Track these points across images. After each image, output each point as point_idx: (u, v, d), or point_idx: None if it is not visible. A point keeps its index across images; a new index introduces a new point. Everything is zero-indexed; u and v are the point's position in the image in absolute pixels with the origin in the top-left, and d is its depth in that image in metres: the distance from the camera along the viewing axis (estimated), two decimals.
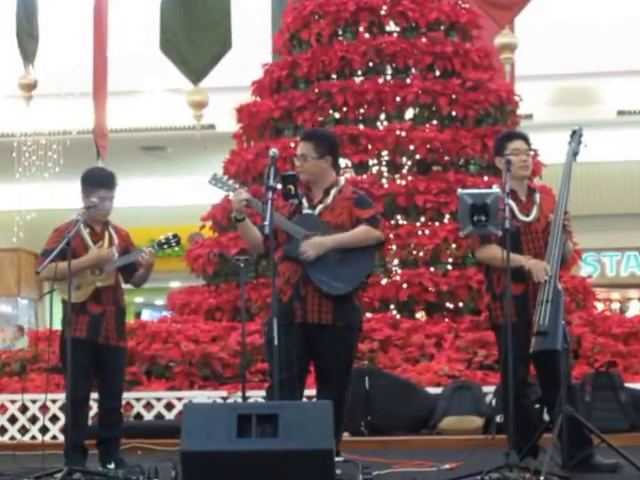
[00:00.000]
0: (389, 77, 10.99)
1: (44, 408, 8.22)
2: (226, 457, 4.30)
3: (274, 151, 5.22)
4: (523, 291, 5.53)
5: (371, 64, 11.00)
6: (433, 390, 8.24)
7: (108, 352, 6.05)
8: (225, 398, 8.41)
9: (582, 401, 7.55)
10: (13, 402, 8.69)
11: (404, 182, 10.41)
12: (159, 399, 8.59)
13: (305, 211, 5.54)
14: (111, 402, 6.13)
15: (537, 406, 6.67)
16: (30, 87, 14.54)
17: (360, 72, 11.02)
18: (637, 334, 9.14)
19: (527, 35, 13.53)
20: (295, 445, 4.25)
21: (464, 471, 5.27)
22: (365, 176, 10.50)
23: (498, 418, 7.21)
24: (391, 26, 11.22)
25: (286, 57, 11.52)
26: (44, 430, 8.20)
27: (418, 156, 10.54)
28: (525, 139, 5.75)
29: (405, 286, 9.85)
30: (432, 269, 9.97)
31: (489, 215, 5.20)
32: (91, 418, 6.47)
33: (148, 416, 8.53)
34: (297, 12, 11.58)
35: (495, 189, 5.43)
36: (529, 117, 15.11)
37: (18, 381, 9.11)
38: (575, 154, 5.83)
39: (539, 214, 5.67)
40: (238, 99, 12.35)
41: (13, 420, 8.68)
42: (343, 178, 5.85)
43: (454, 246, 10.03)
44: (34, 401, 8.50)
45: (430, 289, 9.79)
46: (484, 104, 10.86)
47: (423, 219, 10.29)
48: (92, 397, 6.22)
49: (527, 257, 5.51)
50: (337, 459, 5.02)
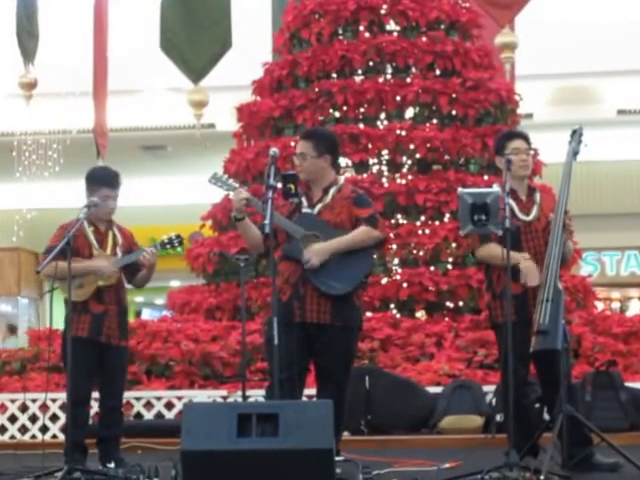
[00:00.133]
0: (389, 76, 10.99)
1: (44, 407, 8.22)
2: (226, 456, 4.30)
3: (274, 150, 5.22)
4: (523, 290, 5.52)
5: (371, 63, 11.00)
6: (433, 389, 8.24)
7: (110, 351, 6.05)
8: (225, 397, 8.42)
9: (582, 400, 7.55)
10: (13, 401, 8.69)
11: (404, 181, 10.41)
12: (159, 398, 8.59)
13: (304, 210, 5.54)
14: (112, 401, 6.13)
15: (537, 405, 6.68)
16: (30, 86, 14.52)
17: (360, 71, 11.02)
18: (637, 333, 9.14)
19: (527, 34, 13.51)
20: (295, 444, 4.25)
21: (464, 470, 5.27)
22: (365, 175, 10.50)
23: (498, 417, 7.22)
24: (391, 25, 11.22)
25: (286, 56, 11.51)
26: (44, 429, 8.20)
27: (418, 155, 10.54)
28: (525, 138, 5.76)
29: (405, 285, 9.85)
30: (432, 268, 9.98)
31: (489, 214, 5.20)
32: (91, 417, 6.46)
33: (148, 415, 8.53)
34: (297, 11, 11.58)
35: (495, 188, 5.43)
36: (529, 116, 15.10)
37: (18, 380, 9.10)
38: (575, 153, 5.83)
39: (539, 213, 5.67)
40: (238, 98, 12.35)
41: (13, 419, 8.67)
42: (342, 177, 5.84)
43: (454, 245, 10.03)
44: (34, 400, 8.49)
45: (430, 288, 9.79)
46: (484, 103, 10.86)
47: (423, 218, 10.29)
48: (93, 396, 6.23)
49: (525, 256, 5.50)
50: (337, 458, 5.02)
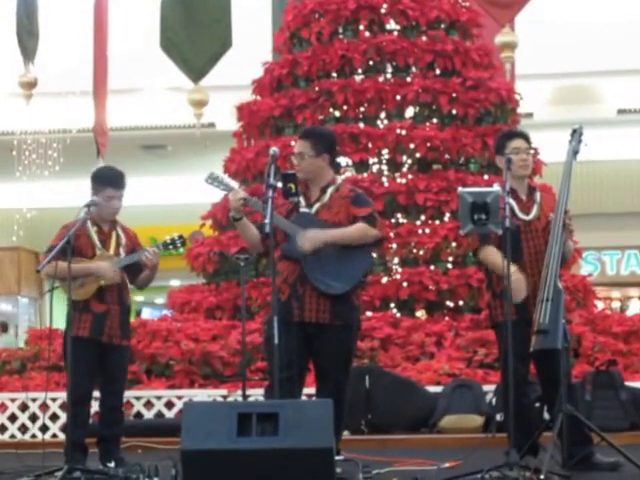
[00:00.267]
0: (389, 75, 10.99)
1: (44, 406, 8.22)
2: (226, 456, 4.30)
3: (274, 150, 5.21)
4: None
5: (371, 62, 10.99)
6: (433, 389, 8.24)
7: (111, 351, 6.05)
8: (225, 397, 8.42)
9: (582, 400, 7.54)
10: (13, 400, 8.69)
11: (404, 180, 10.41)
12: (159, 398, 8.59)
13: (302, 209, 5.52)
14: (112, 400, 6.13)
15: (537, 405, 6.68)
16: (30, 85, 14.51)
17: (360, 70, 11.01)
18: (637, 333, 9.14)
19: (527, 34, 13.51)
20: (295, 444, 4.25)
21: (464, 470, 5.27)
22: (365, 174, 10.50)
23: (498, 417, 7.22)
24: (391, 24, 11.22)
25: (286, 55, 11.51)
26: (44, 428, 8.20)
27: (418, 154, 10.54)
28: (525, 138, 5.75)
29: (405, 285, 9.85)
30: (432, 268, 9.97)
31: (489, 214, 5.19)
32: (91, 416, 6.46)
33: (148, 415, 8.53)
34: (297, 10, 11.58)
35: (495, 188, 5.42)
36: (529, 116, 15.09)
37: (18, 379, 9.10)
38: (575, 153, 5.83)
39: (539, 213, 5.66)
40: (238, 97, 12.35)
41: (13, 418, 8.67)
42: (340, 177, 5.82)
43: (454, 245, 10.02)
44: (34, 399, 8.49)
45: (430, 288, 9.79)
46: (484, 103, 10.86)
47: (423, 218, 10.29)
48: (94, 395, 6.22)
49: (517, 270, 5.44)
50: (337, 458, 5.02)
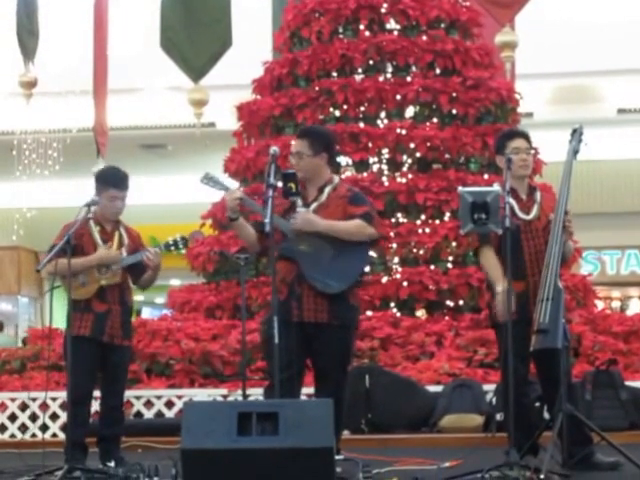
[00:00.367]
0: (389, 75, 10.99)
1: (44, 406, 8.22)
2: (226, 455, 4.30)
3: (275, 149, 5.20)
4: (523, 289, 5.52)
5: (372, 62, 10.99)
6: (433, 388, 8.23)
7: (112, 351, 6.05)
8: (225, 396, 8.41)
9: (582, 399, 7.54)
10: (13, 400, 8.69)
11: (404, 180, 10.41)
12: (159, 397, 8.59)
13: (299, 209, 5.49)
14: (113, 400, 6.13)
15: (537, 404, 6.68)
16: (30, 85, 14.51)
17: (360, 70, 11.02)
18: (637, 332, 9.13)
19: (528, 33, 13.50)
20: (295, 443, 4.25)
21: (464, 469, 5.27)
22: (365, 174, 10.50)
23: (498, 416, 7.22)
24: (392, 24, 11.22)
25: (286, 55, 11.51)
26: (44, 428, 8.20)
27: (418, 154, 10.54)
28: (526, 137, 5.74)
29: (405, 284, 9.84)
30: (432, 267, 9.97)
31: (489, 213, 5.19)
32: (91, 416, 6.46)
33: (148, 414, 8.53)
34: (297, 10, 11.58)
35: (496, 187, 5.42)
36: (529, 115, 15.09)
37: (18, 379, 9.10)
38: (576, 152, 5.82)
39: (539, 212, 5.65)
40: (238, 97, 12.35)
41: (13, 418, 8.67)
42: (337, 176, 5.80)
43: (454, 244, 10.02)
44: (34, 399, 8.49)
45: (430, 287, 9.78)
46: (484, 102, 10.86)
47: (423, 217, 10.29)
48: (94, 395, 6.22)
49: (500, 289, 5.42)
50: (337, 457, 5.02)
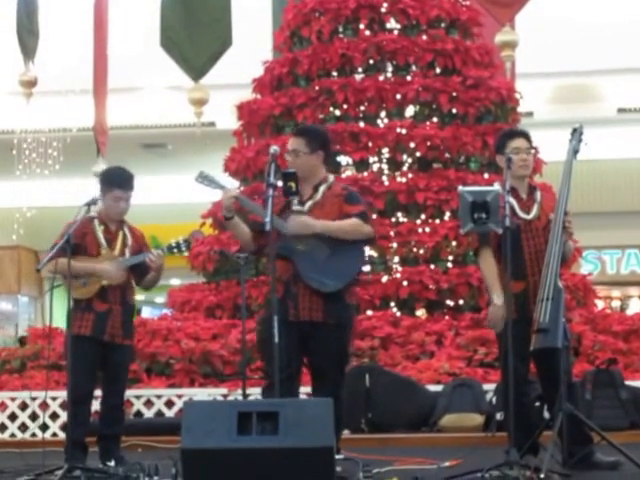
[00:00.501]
0: (390, 74, 10.98)
1: (44, 405, 8.21)
2: (226, 454, 4.29)
3: (275, 148, 5.21)
4: (523, 289, 5.51)
5: (372, 61, 10.99)
6: (433, 388, 8.23)
7: (113, 350, 6.05)
8: (225, 395, 8.41)
9: (582, 399, 7.54)
10: (13, 399, 8.68)
11: (405, 179, 10.41)
12: (159, 396, 8.59)
13: (294, 207, 5.47)
14: (114, 399, 6.14)
15: (537, 404, 6.67)
16: (30, 84, 14.50)
17: (361, 69, 11.02)
18: (637, 332, 9.13)
19: (528, 33, 13.50)
20: (295, 443, 4.25)
21: (464, 469, 5.27)
22: (366, 173, 10.50)
23: (498, 416, 7.22)
24: (392, 23, 11.22)
25: (287, 54, 11.51)
26: (44, 427, 8.20)
27: (419, 153, 10.53)
28: (526, 137, 5.73)
29: (405, 284, 9.84)
30: (432, 267, 9.97)
31: (489, 213, 5.19)
32: (92, 415, 6.45)
33: (148, 414, 8.53)
34: (298, 9, 11.58)
35: (496, 187, 5.42)
36: (529, 115, 15.10)
37: (18, 378, 9.10)
38: (576, 152, 5.82)
39: (540, 212, 5.65)
40: (238, 96, 12.34)
41: (13, 417, 8.67)
42: (332, 175, 5.79)
43: (454, 244, 10.02)
44: (34, 398, 8.49)
45: (430, 287, 9.78)
46: (485, 102, 10.86)
47: (424, 216, 10.29)
48: (95, 394, 6.22)
49: (495, 300, 5.42)
50: (337, 457, 5.01)
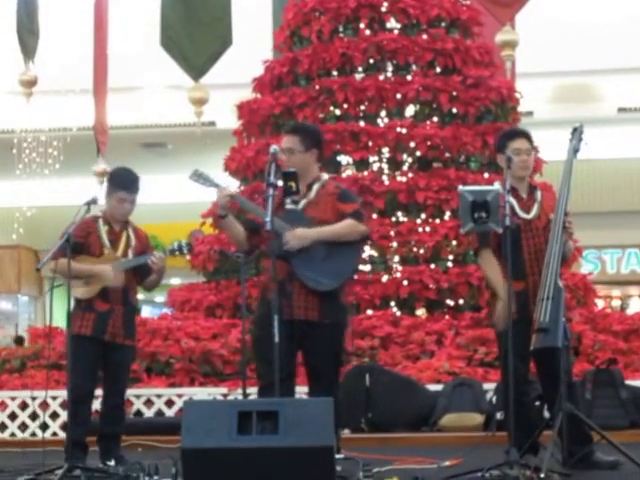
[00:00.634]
0: (390, 74, 10.99)
1: (44, 405, 8.21)
2: (226, 454, 4.29)
3: (275, 148, 5.19)
4: (523, 288, 5.51)
5: (372, 61, 10.99)
6: (433, 387, 8.23)
7: (114, 350, 6.06)
8: (225, 395, 8.41)
9: (582, 398, 7.54)
10: (13, 399, 8.68)
11: (405, 179, 10.41)
12: (159, 396, 8.59)
13: (288, 206, 5.44)
14: (115, 399, 6.14)
15: (537, 403, 6.67)
16: (30, 83, 14.50)
17: (361, 69, 11.02)
18: (638, 331, 9.14)
19: (528, 32, 13.51)
20: (295, 442, 4.25)
21: (464, 468, 5.26)
22: (366, 173, 10.51)
23: (498, 415, 7.22)
24: (392, 23, 11.23)
25: (287, 54, 11.51)
26: (44, 427, 8.20)
27: (419, 153, 10.54)
28: (528, 137, 5.70)
29: (406, 283, 9.85)
30: (433, 266, 9.97)
31: (490, 212, 5.18)
32: (91, 414, 6.45)
33: (148, 413, 8.53)
34: (298, 9, 11.58)
35: (496, 186, 5.42)
36: (530, 114, 15.10)
37: (18, 378, 9.10)
38: (576, 151, 5.81)
39: (540, 212, 5.64)
40: (239, 96, 12.35)
41: (13, 417, 8.67)
42: (325, 174, 5.79)
43: (455, 243, 10.03)
44: (34, 398, 8.48)
45: (431, 286, 9.79)
46: (485, 101, 10.86)
47: (424, 216, 10.29)
48: (95, 394, 6.22)
49: (501, 299, 5.40)
50: (337, 456, 5.01)
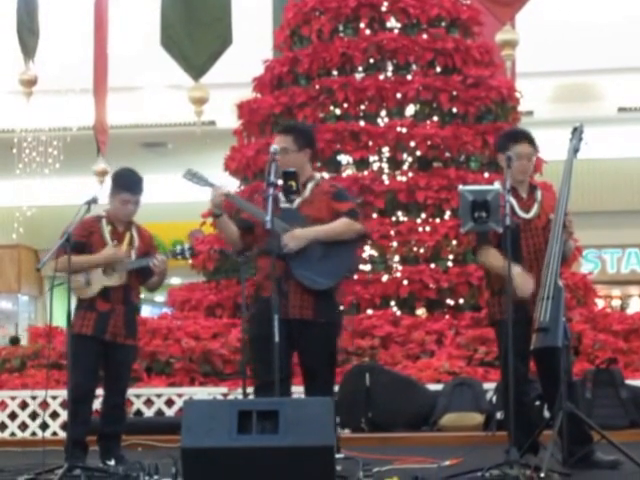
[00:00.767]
0: (390, 73, 10.99)
1: (44, 404, 8.21)
2: (226, 453, 4.29)
3: (275, 148, 5.19)
4: None
5: (372, 60, 10.99)
6: (434, 387, 8.23)
7: (115, 349, 6.06)
8: (226, 394, 8.41)
9: (582, 398, 7.54)
10: (13, 398, 8.68)
11: (405, 178, 10.41)
12: (159, 395, 8.59)
13: (282, 205, 5.40)
14: (115, 398, 6.15)
15: (537, 403, 6.67)
16: (30, 83, 14.49)
17: (361, 68, 11.02)
18: (638, 331, 9.14)
19: (528, 32, 13.51)
20: (295, 442, 4.24)
21: (464, 468, 5.26)
22: (366, 172, 10.51)
23: (498, 415, 7.22)
24: (392, 22, 11.23)
25: (287, 53, 11.51)
26: (44, 426, 8.19)
27: (419, 152, 10.54)
28: (530, 141, 5.65)
29: (406, 283, 9.84)
30: (433, 266, 9.97)
31: (490, 212, 5.18)
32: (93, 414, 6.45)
33: (148, 413, 8.52)
34: (298, 8, 11.58)
35: (496, 186, 5.41)
36: (530, 114, 15.10)
37: (18, 377, 9.09)
38: (576, 151, 5.80)
39: (540, 211, 5.63)
40: (239, 95, 12.34)
41: (13, 416, 8.67)
42: (318, 173, 5.78)
43: (455, 243, 10.03)
44: (34, 397, 8.49)
45: (431, 286, 9.79)
46: (485, 101, 10.86)
47: (424, 215, 10.29)
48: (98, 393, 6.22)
49: (519, 270, 5.41)
50: (337, 456, 5.01)
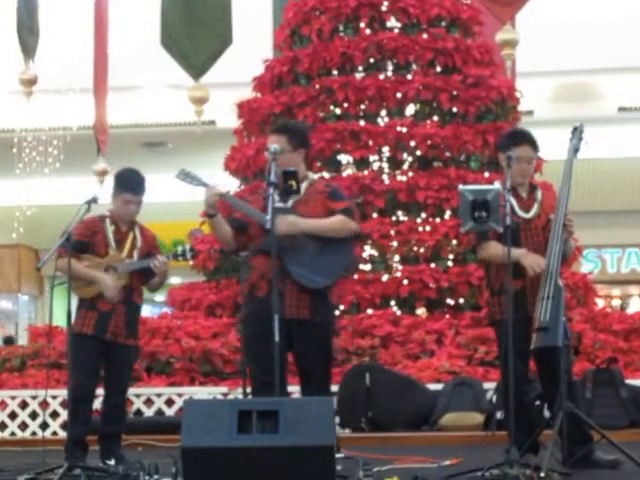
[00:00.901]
0: (390, 73, 10.99)
1: (44, 404, 8.21)
2: (226, 453, 4.29)
3: (275, 147, 5.18)
4: (522, 286, 5.50)
5: (372, 60, 11.00)
6: (434, 386, 8.23)
7: (116, 349, 6.06)
8: (226, 394, 8.41)
9: (583, 397, 7.54)
10: (13, 398, 8.68)
11: (405, 178, 10.41)
12: (159, 395, 8.59)
13: (277, 204, 5.29)
14: (116, 398, 6.15)
15: (537, 402, 6.67)
16: (30, 82, 14.49)
17: (361, 68, 11.02)
18: (638, 330, 9.14)
19: (528, 31, 13.51)
20: (296, 441, 4.24)
21: (464, 467, 5.26)
22: (366, 172, 10.51)
23: (498, 414, 7.21)
24: (392, 22, 11.23)
25: (287, 53, 11.51)
26: (44, 426, 8.20)
27: (419, 152, 10.54)
28: (532, 144, 5.63)
29: (406, 282, 9.85)
30: (433, 265, 9.97)
31: (490, 211, 5.18)
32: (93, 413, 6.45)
33: (148, 412, 8.53)
34: (298, 8, 11.58)
35: (496, 185, 5.41)
36: (530, 113, 15.10)
37: (18, 377, 9.10)
38: (576, 151, 5.80)
39: (540, 211, 5.64)
40: (239, 95, 12.35)
41: (13, 416, 8.67)
42: (313, 173, 5.77)
43: (455, 242, 10.03)
44: (34, 397, 8.49)
45: (431, 285, 9.79)
46: (485, 100, 10.86)
47: (424, 215, 10.29)
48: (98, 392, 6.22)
49: (524, 251, 5.46)
50: (337, 455, 5.00)
